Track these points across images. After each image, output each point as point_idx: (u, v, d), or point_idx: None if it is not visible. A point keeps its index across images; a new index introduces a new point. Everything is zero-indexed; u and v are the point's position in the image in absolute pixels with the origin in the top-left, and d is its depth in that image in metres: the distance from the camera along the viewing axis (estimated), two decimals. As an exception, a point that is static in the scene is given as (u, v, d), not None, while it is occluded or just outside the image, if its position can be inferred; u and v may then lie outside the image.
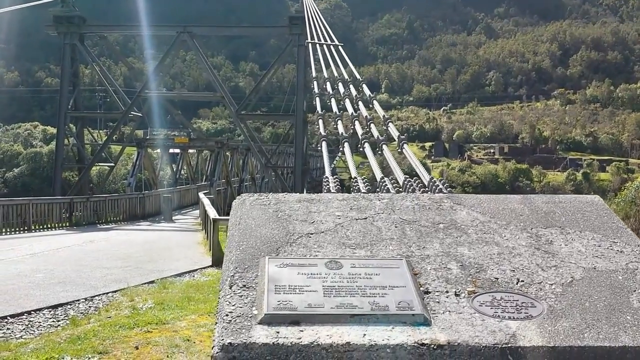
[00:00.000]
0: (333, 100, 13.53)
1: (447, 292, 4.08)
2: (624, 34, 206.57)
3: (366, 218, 5.15)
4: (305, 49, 35.95)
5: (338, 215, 5.22)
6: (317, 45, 19.42)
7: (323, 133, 10.44)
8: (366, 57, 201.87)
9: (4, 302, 9.96)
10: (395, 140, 10.82)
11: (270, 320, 3.71)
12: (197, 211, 35.91)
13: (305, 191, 40.04)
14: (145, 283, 12.05)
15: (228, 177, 37.29)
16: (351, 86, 13.90)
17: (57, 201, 25.93)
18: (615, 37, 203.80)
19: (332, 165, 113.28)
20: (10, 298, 10.32)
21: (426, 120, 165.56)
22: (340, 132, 9.86)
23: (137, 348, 7.42)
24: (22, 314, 9.29)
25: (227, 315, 3.85)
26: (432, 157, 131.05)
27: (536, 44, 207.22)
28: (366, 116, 10.89)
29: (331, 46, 18.03)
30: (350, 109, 11.70)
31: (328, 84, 15.10)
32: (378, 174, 7.79)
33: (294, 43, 36.00)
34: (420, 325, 3.73)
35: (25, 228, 23.10)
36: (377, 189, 7.29)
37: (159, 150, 71.81)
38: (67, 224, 25.47)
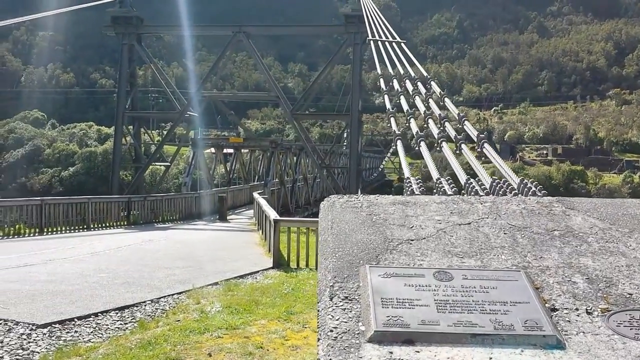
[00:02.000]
0: (402, 98, 13.05)
1: (576, 309, 3.65)
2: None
3: (470, 223, 4.74)
4: (362, 47, 35.68)
5: (438, 220, 4.82)
6: (379, 43, 18.98)
7: (397, 132, 10.00)
8: (415, 57, 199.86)
9: (70, 303, 9.83)
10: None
11: (381, 338, 3.35)
12: (251, 211, 35.91)
13: (359, 192, 39.63)
14: (209, 285, 11.83)
15: (282, 177, 37.10)
16: (419, 84, 13.40)
17: (115, 200, 26.15)
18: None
19: (382, 166, 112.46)
20: (76, 299, 10.19)
21: (476, 121, 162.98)
22: (415, 131, 9.39)
23: (210, 355, 7.14)
24: (89, 316, 9.13)
25: (331, 331, 3.50)
26: (483, 158, 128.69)
27: (590, 43, 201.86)
28: (440, 114, 10.39)
29: (393, 44, 17.60)
30: (422, 107, 11.21)
31: (395, 81, 14.63)
32: (462, 175, 7.32)
33: (350, 42, 35.54)
34: (554, 349, 3.31)
35: (85, 226, 23.32)
36: (463, 191, 6.85)
37: (209, 150, 72.45)
38: (125, 223, 25.66)
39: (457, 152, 8.52)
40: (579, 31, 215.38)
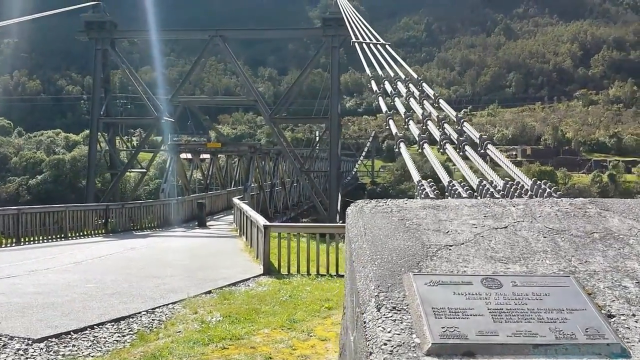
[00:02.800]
0: (397, 100, 12.92)
1: (633, 315, 3.54)
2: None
3: (506, 227, 4.61)
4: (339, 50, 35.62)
5: (473, 224, 4.68)
6: (361, 45, 18.88)
7: (399, 134, 9.87)
8: (384, 59, 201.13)
9: (63, 316, 9.50)
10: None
11: (439, 351, 3.22)
12: (229, 217, 35.50)
13: (340, 196, 39.63)
14: (203, 293, 11.57)
15: (261, 182, 36.78)
16: (411, 85, 13.30)
17: (92, 208, 25.61)
18: (637, 36, 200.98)
19: (355, 170, 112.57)
20: (68, 311, 9.85)
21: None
22: (417, 133, 9.26)
23: (221, 368, 6.92)
24: (84, 328, 8.81)
25: (385, 344, 3.34)
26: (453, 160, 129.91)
27: (557, 44, 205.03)
28: (437, 116, 10.29)
29: (378, 45, 17.51)
30: (418, 109, 11.09)
31: (387, 83, 14.50)
32: (473, 178, 7.21)
33: (328, 45, 35.42)
34: (619, 357, 3.19)
35: (62, 235, 22.76)
36: (476, 194, 6.72)
37: (183, 156, 71.54)
38: (103, 231, 25.15)
39: (460, 154, 8.41)
40: (545, 33, 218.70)
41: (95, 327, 8.94)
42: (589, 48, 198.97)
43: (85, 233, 24.19)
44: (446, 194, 6.74)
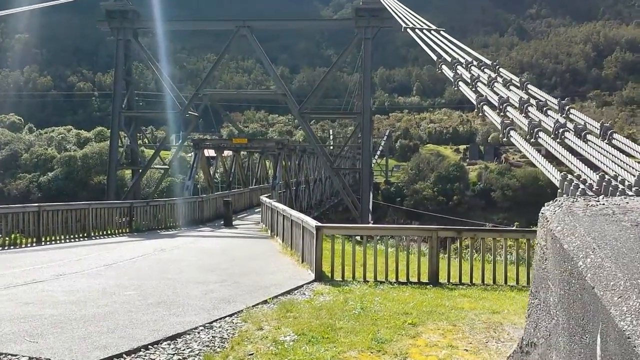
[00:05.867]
0: (462, 84, 11.53)
1: None
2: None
3: None
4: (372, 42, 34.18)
5: None
6: (412, 31, 17.51)
7: (507, 121, 8.50)
8: (397, 60, 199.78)
9: (108, 332, 8.14)
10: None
11: None
12: (254, 215, 34.15)
13: (371, 194, 38.22)
14: (258, 304, 10.22)
15: (287, 179, 35.41)
16: (486, 70, 11.91)
17: (117, 205, 24.31)
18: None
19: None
20: (113, 326, 8.49)
21: (460, 123, 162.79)
22: (528, 121, 7.89)
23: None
24: (138, 349, 7.46)
25: None
26: (467, 160, 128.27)
27: (570, 45, 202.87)
28: (538, 101, 8.88)
29: (432, 32, 16.20)
30: (514, 97, 9.68)
31: (445, 68, 13.10)
32: (623, 172, 5.85)
33: (361, 37, 33.90)
34: None
35: (85, 235, 21.44)
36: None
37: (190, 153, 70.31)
38: (127, 230, 23.83)
39: (577, 144, 7.05)
40: (558, 33, 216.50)
41: (149, 347, 7.60)
42: (602, 49, 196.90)
43: (109, 232, 22.85)
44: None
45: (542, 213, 3.90)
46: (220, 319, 9.07)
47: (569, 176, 5.68)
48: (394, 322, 8.91)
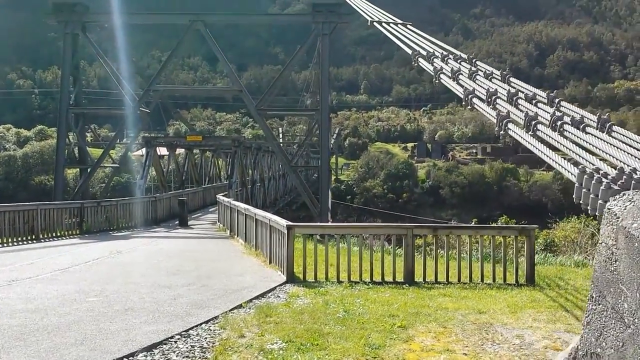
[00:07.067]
0: (444, 76, 11.17)
1: None
2: (599, 35, 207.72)
3: None
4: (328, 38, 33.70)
5: None
6: (374, 26, 17.06)
7: (503, 113, 8.10)
8: (344, 58, 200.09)
9: (77, 344, 7.42)
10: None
11: None
12: (210, 215, 33.32)
13: (330, 192, 37.73)
14: (234, 308, 9.64)
15: (244, 178, 34.61)
16: (463, 63, 11.57)
17: (66, 206, 23.14)
18: (591, 37, 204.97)
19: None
20: (81, 337, 7.77)
21: (407, 121, 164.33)
22: (526, 113, 7.54)
23: None
24: (114, 362, 6.79)
25: None
26: (416, 158, 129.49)
27: (513, 45, 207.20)
28: (526, 94, 8.56)
29: (399, 25, 15.78)
30: (486, 88, 9.34)
31: (422, 61, 12.74)
32: (635, 163, 5.50)
33: (318, 32, 33.32)
34: None
35: (34, 237, 20.32)
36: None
37: (137, 152, 68.60)
38: (78, 232, 22.71)
39: (576, 137, 6.73)
40: (502, 33, 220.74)
41: (124, 359, 6.93)
42: (545, 48, 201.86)
43: (59, 234, 21.73)
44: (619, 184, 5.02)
45: (608, 209, 3.48)
46: (197, 326, 8.44)
47: (587, 169, 5.32)
48: (383, 325, 8.46)
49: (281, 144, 51.86)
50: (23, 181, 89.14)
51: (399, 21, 16.96)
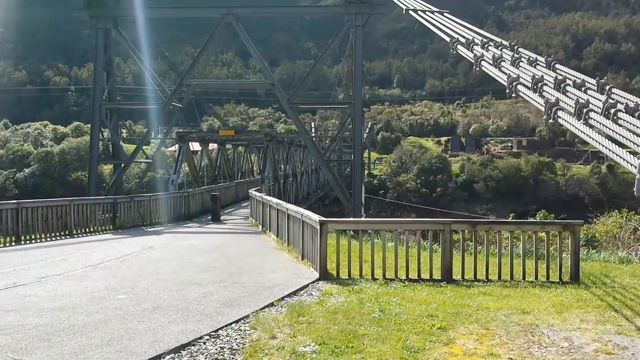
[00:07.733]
0: (485, 64, 10.65)
1: None
2: (637, 25, 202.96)
3: None
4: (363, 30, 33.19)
5: None
6: (409, 14, 16.59)
7: (552, 101, 7.63)
8: (377, 52, 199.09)
9: (103, 345, 7.16)
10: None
11: None
12: (242, 210, 33.16)
13: (363, 187, 37.29)
14: (265, 307, 9.31)
15: (277, 172, 34.34)
16: (505, 50, 11.06)
17: (99, 202, 23.09)
18: (629, 28, 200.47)
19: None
20: (107, 337, 7.51)
21: (440, 115, 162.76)
22: (572, 101, 7.08)
23: None
24: (140, 365, 6.50)
25: None
26: (449, 152, 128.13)
27: (549, 37, 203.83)
28: (574, 81, 8.05)
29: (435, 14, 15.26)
30: (532, 75, 8.82)
31: (461, 48, 12.25)
32: None
33: (351, 24, 32.86)
34: None
35: (67, 233, 20.28)
36: None
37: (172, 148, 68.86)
38: (111, 227, 22.66)
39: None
40: (537, 25, 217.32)
41: (152, 362, 6.65)
42: (581, 40, 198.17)
43: (92, 230, 21.68)
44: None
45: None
46: (226, 326, 8.14)
47: None
48: (421, 326, 8.03)
49: (313, 139, 51.47)
50: (60, 177, 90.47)
51: (435, 9, 16.37)
